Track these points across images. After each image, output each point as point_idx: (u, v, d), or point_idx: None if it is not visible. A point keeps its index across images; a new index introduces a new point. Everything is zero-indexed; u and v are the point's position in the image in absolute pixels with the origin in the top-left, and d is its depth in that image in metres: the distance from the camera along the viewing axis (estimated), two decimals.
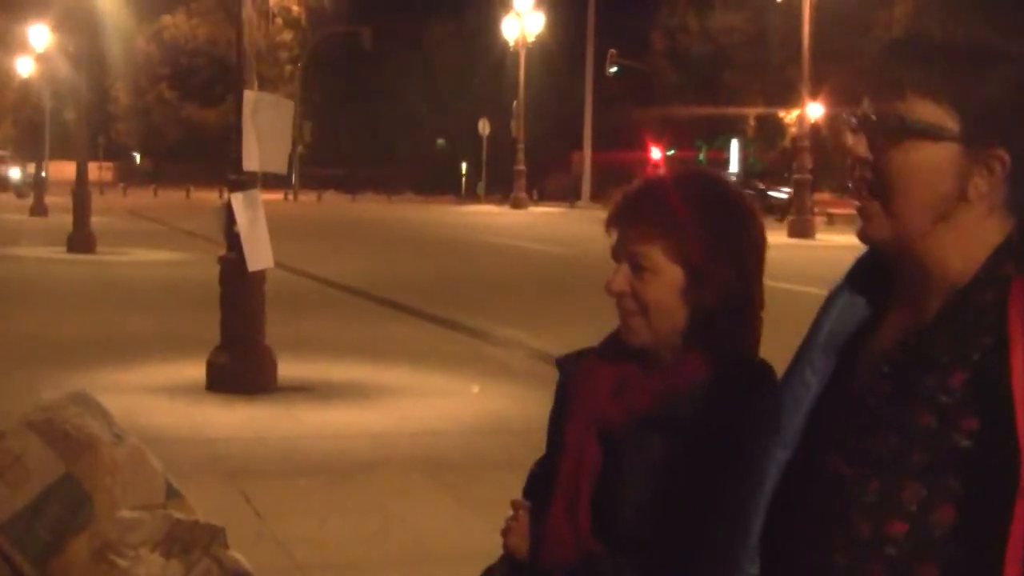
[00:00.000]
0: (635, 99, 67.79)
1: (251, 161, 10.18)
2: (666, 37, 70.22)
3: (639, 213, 2.27)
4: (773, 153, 65.09)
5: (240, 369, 10.36)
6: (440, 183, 70.00)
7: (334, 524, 7.01)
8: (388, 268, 22.75)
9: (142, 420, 8.67)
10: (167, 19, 79.28)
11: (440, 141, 73.17)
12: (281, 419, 9.54)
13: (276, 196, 60.24)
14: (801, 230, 32.85)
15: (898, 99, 1.76)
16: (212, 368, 10.48)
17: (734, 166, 66.95)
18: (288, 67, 76.76)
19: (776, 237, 32.78)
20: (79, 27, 29.55)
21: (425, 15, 74.39)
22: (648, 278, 2.24)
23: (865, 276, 1.91)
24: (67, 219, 25.76)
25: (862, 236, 1.83)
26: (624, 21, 63.69)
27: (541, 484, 2.44)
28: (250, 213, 10.24)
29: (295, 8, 79.79)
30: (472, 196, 67.45)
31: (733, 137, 70.56)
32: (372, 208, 54.17)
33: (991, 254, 1.76)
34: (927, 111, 1.74)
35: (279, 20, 79.29)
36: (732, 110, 63.38)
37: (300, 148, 67.45)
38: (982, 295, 1.73)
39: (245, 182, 10.36)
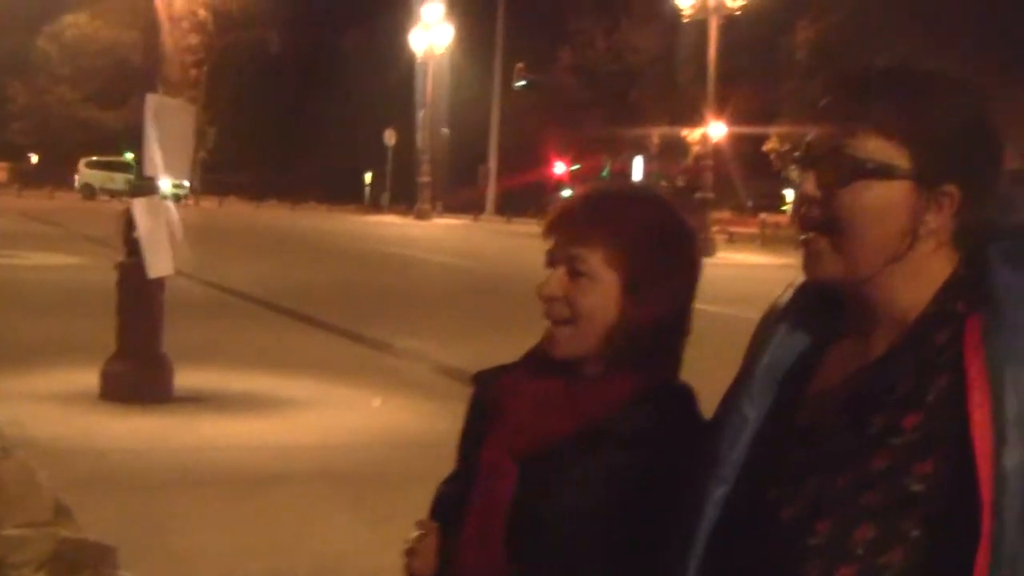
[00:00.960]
0: (542, 114, 68.01)
1: (153, 166, 10.00)
2: (574, 53, 70.52)
3: (582, 218, 2.19)
4: (677, 170, 65.57)
5: (136, 378, 10.16)
6: (344, 192, 69.69)
7: (230, 538, 6.87)
8: (290, 277, 22.55)
9: (32, 430, 8.47)
10: (69, 19, 78.13)
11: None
12: (177, 430, 9.35)
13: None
14: (702, 248, 33.00)
15: (849, 136, 1.70)
16: (107, 376, 10.26)
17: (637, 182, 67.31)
18: (193, 71, 75.91)
19: None
20: None
21: (333, 24, 74.03)
22: (583, 284, 2.16)
23: (805, 307, 1.85)
24: None
25: (809, 273, 1.77)
26: (532, 36, 63.87)
27: (451, 504, 2.34)
28: (151, 219, 10.05)
29: (201, 12, 78.90)
30: (376, 206, 67.21)
31: (638, 154, 71.02)
32: (275, 216, 53.81)
33: (940, 290, 1.71)
34: (879, 148, 1.69)
35: (185, 24, 78.48)
36: (637, 128, 63.79)
37: (203, 153, 66.86)
38: (934, 333, 1.68)
39: (147, 187, 10.17)
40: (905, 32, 47.75)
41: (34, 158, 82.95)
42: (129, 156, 66.34)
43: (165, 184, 9.33)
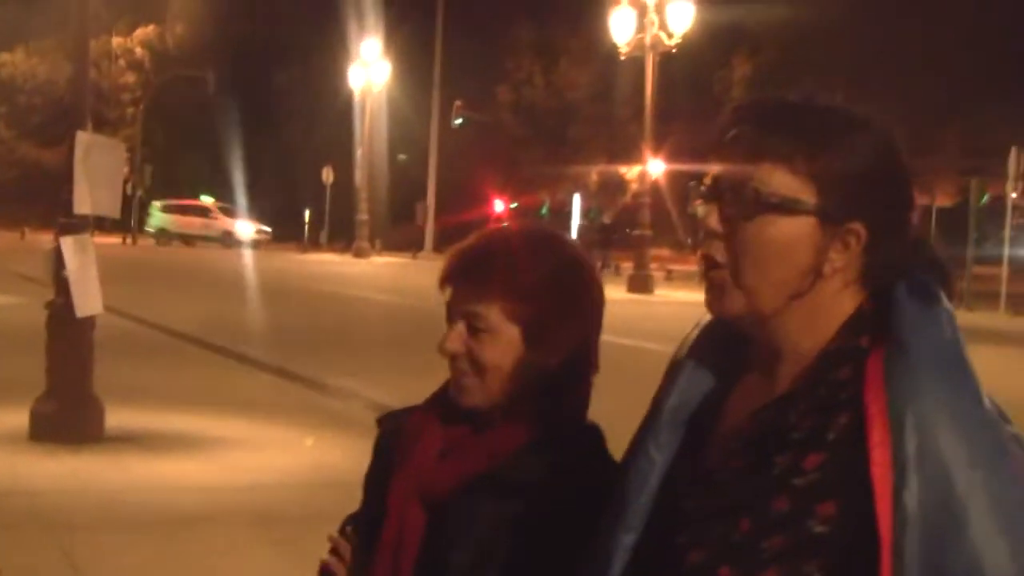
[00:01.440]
0: (480, 151, 68.08)
1: (83, 204, 9.92)
2: (512, 90, 70.72)
3: (475, 271, 2.16)
4: (615, 208, 65.79)
5: (65, 418, 10.05)
6: (283, 230, 69.39)
7: None
8: (225, 315, 22.37)
9: None
10: (5, 56, 77.58)
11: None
12: (107, 470, 9.24)
13: (115, 240, 59.25)
14: (640, 285, 33.13)
15: (754, 169, 1.68)
16: (36, 416, 10.14)
17: (576, 219, 67.55)
18: (130, 109, 75.66)
19: (615, 292, 33.10)
20: None
21: (270, 61, 73.86)
22: (484, 339, 2.13)
23: (712, 344, 1.82)
24: None
25: (711, 308, 1.74)
26: (470, 73, 63.98)
27: (356, 543, 2.32)
28: (80, 257, 9.96)
29: (138, 50, 78.69)
30: (315, 244, 66.97)
31: (576, 191, 71.20)
32: (211, 254, 53.45)
33: (843, 325, 1.69)
34: (784, 183, 1.66)
35: (122, 61, 78.15)
36: (576, 165, 64.00)
37: (140, 192, 66.44)
38: (836, 370, 1.66)
39: (76, 225, 10.08)
40: (841, 68, 48.25)
41: None
42: (208, 199, 65.49)
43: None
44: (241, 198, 64.22)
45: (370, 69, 56.71)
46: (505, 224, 2.29)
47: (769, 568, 1.59)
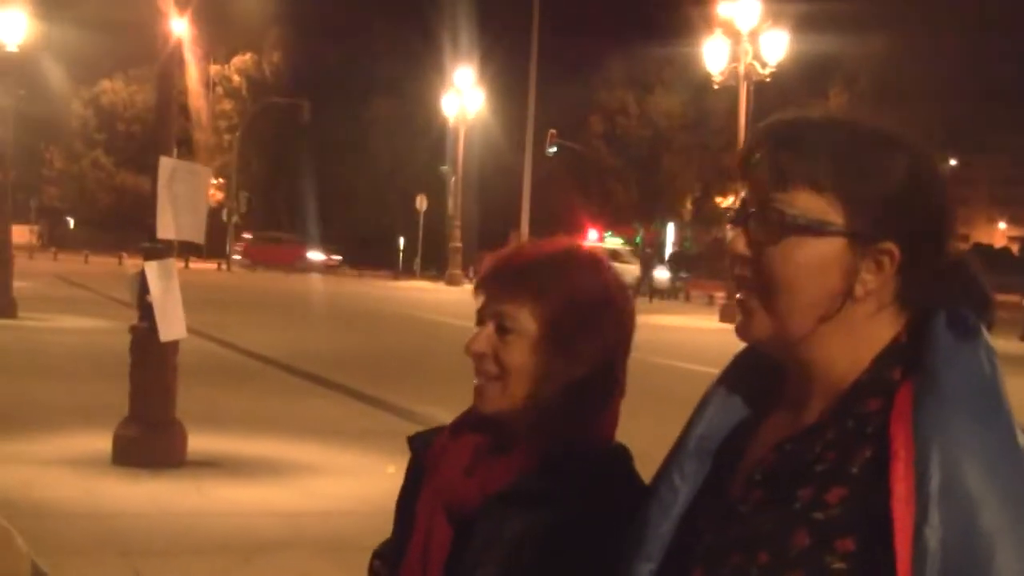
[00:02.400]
0: (574, 180, 68.17)
1: (166, 229, 9.97)
2: (605, 119, 70.78)
3: (508, 275, 2.17)
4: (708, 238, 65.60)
5: (147, 442, 10.09)
6: (378, 258, 69.88)
7: None
8: (315, 341, 22.50)
9: (39, 493, 8.43)
10: (105, 84, 78.98)
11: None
12: (186, 495, 9.26)
13: (210, 266, 59.95)
14: (732, 315, 32.91)
15: (780, 191, 1.61)
16: (118, 440, 10.20)
17: (669, 248, 67.40)
18: (227, 136, 76.62)
19: (706, 322, 32.79)
20: (12, 87, 29.24)
21: (365, 89, 74.50)
22: (512, 340, 2.12)
23: (744, 374, 1.76)
24: None
25: (740, 333, 1.67)
26: (564, 102, 64.10)
27: (384, 568, 2.33)
28: (164, 282, 10.01)
29: (236, 78, 79.72)
30: (408, 272, 67.33)
31: (670, 220, 71.06)
32: (306, 281, 53.90)
33: (878, 355, 1.61)
34: (811, 204, 1.59)
35: (219, 89, 79.18)
36: (669, 194, 63.92)
37: (236, 218, 67.22)
38: (865, 402, 1.58)
39: (160, 250, 10.14)
40: (934, 95, 47.78)
41: (71, 222, 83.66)
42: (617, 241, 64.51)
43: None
44: (315, 227, 65.10)
45: (464, 97, 56.96)
46: (543, 239, 2.29)
47: None
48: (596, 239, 64.38)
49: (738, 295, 1.66)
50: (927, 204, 1.62)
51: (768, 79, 35.33)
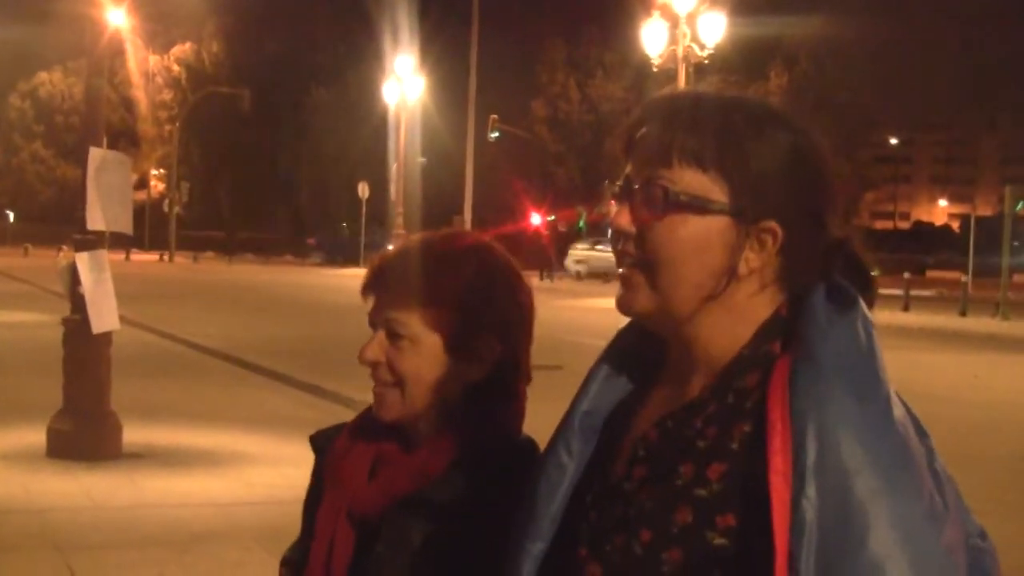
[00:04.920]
0: (517, 165, 68.15)
1: (95, 221, 9.88)
2: (547, 104, 70.80)
3: (397, 279, 2.10)
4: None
5: (81, 435, 10.02)
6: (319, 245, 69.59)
7: None
8: (256, 331, 22.39)
9: None
10: (43, 76, 78.24)
11: (343, 225, 72.15)
12: (120, 487, 9.19)
13: (152, 257, 59.58)
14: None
15: (664, 168, 1.59)
16: (52, 434, 10.12)
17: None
18: (168, 127, 76.11)
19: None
20: None
21: (306, 79, 74.18)
22: (405, 347, 2.06)
23: (627, 350, 1.74)
24: None
25: (622, 307, 1.65)
26: (506, 88, 64.07)
27: (293, 571, 2.26)
28: (95, 274, 9.93)
29: (175, 68, 79.19)
30: (353, 260, 67.15)
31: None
32: (248, 271, 53.66)
33: (758, 330, 1.60)
34: (695, 181, 1.58)
35: (158, 79, 78.62)
36: (612, 177, 63.98)
37: (177, 209, 66.79)
38: (744, 376, 1.58)
39: (91, 242, 10.04)
40: (877, 79, 48.04)
41: (11, 216, 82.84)
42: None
43: None
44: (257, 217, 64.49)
45: (404, 84, 56.79)
46: (430, 232, 2.19)
47: None
48: (540, 223, 64.43)
49: (621, 269, 1.64)
50: (810, 183, 1.61)
51: (707, 62, 35.37)
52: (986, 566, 1.58)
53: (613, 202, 1.66)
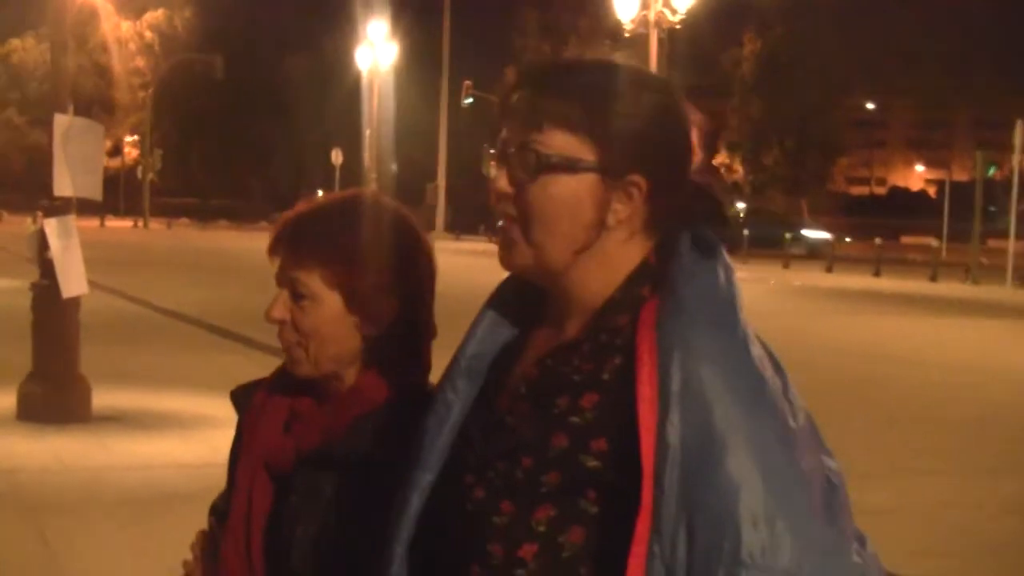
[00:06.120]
0: (490, 130, 68.06)
1: (63, 186, 9.98)
2: None
3: (298, 238, 2.17)
4: None
5: (51, 398, 10.13)
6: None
7: (131, 557, 6.84)
8: (229, 297, 22.43)
9: None
10: (15, 43, 77.81)
11: (318, 192, 71.89)
12: (89, 450, 9.31)
13: (126, 224, 59.44)
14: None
15: (536, 131, 1.73)
16: (22, 397, 10.23)
17: None
18: (140, 94, 75.80)
19: None
20: None
21: (279, 44, 74.00)
22: (307, 306, 2.15)
23: (509, 298, 1.89)
24: None
25: (504, 263, 1.80)
26: (479, 54, 64.00)
27: (217, 524, 2.35)
28: (64, 240, 10.03)
29: (148, 34, 78.84)
30: None
31: None
32: (222, 237, 53.59)
33: (628, 276, 1.75)
34: (564, 143, 1.72)
35: (131, 45, 78.27)
36: None
37: (151, 176, 66.62)
38: (616, 318, 1.72)
39: (59, 207, 10.14)
40: (851, 44, 48.15)
41: None
42: None
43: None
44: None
45: (377, 50, 56.66)
46: (331, 192, 2.29)
47: (547, 502, 1.65)
48: None
49: (500, 226, 1.78)
50: (672, 139, 1.76)
51: (678, 26, 35.39)
52: (839, 500, 1.68)
53: (493, 164, 1.79)
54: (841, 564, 1.59)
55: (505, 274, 1.89)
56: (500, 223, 1.79)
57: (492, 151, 1.80)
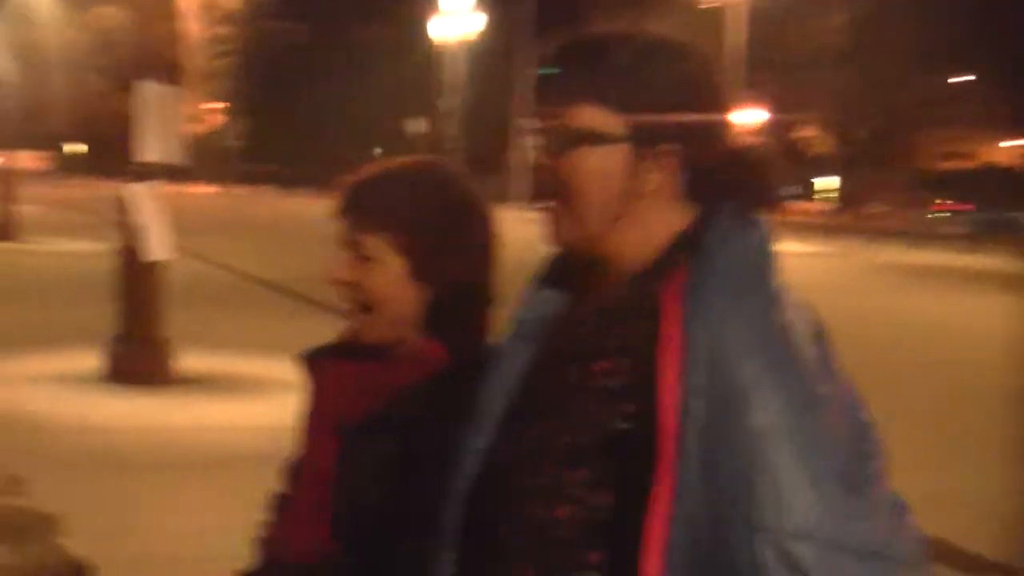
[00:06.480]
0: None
1: (146, 152, 10.16)
2: None
3: (363, 202, 2.22)
4: None
5: (135, 360, 10.32)
6: None
7: (206, 519, 6.97)
8: (312, 263, 22.56)
9: (27, 408, 8.64)
10: (100, 10, 78.40)
11: (377, 150, 72.38)
12: (171, 411, 9.50)
13: (210, 190, 59.95)
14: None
15: (569, 106, 1.78)
16: (107, 358, 10.44)
17: None
18: (223, 60, 76.17)
19: None
20: (10, 16, 29.26)
21: (361, 13, 74.07)
22: (372, 268, 2.19)
23: (555, 269, 1.94)
24: None
25: (549, 238, 1.86)
26: (560, 24, 63.69)
27: (288, 485, 2.40)
28: (148, 204, 10.20)
29: (230, 2, 79.17)
30: None
31: None
32: (304, 204, 53.86)
33: (667, 243, 1.79)
34: (595, 117, 1.77)
35: (215, 13, 78.59)
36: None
37: (235, 142, 67.14)
38: (650, 282, 1.76)
39: (144, 173, 10.32)
40: (941, 15, 47.39)
41: (81, 148, 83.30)
42: None
43: None
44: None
45: (459, 20, 56.54)
46: (400, 158, 2.32)
47: (581, 466, 1.71)
48: None
49: (546, 204, 1.84)
50: (707, 109, 1.79)
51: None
52: (871, 469, 1.68)
53: (532, 140, 1.85)
54: (862, 530, 1.59)
55: None
56: (546, 204, 1.84)
57: (530, 127, 1.85)
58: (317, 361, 2.34)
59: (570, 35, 1.86)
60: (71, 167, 74.07)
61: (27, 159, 44.38)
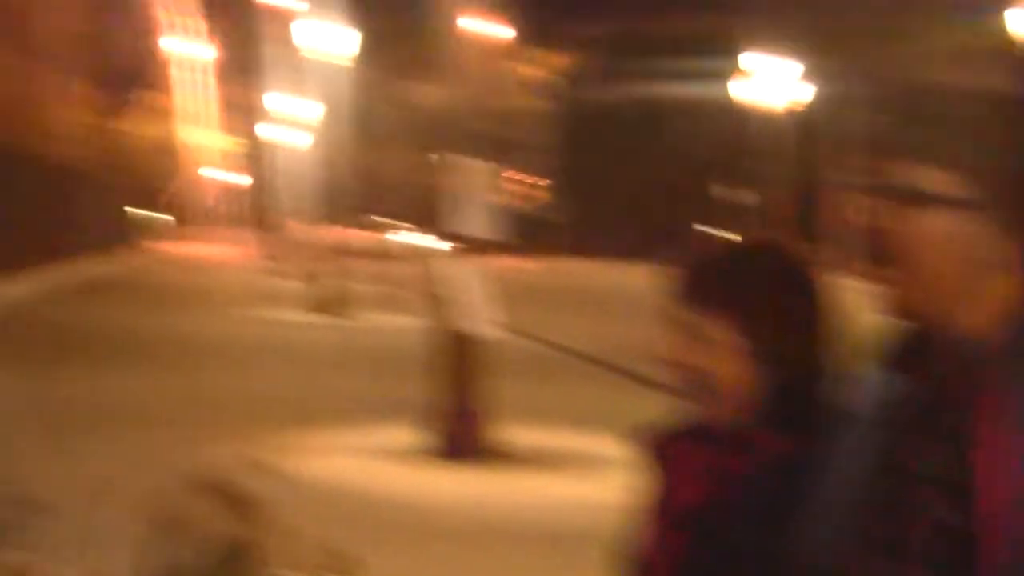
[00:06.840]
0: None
1: (459, 226, 10.35)
2: None
3: (707, 286, 2.20)
4: None
5: (459, 435, 10.46)
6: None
7: None
8: (633, 336, 22.42)
9: (355, 481, 9.16)
10: (415, 85, 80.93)
11: (700, 224, 72.31)
12: (495, 485, 9.60)
13: (537, 264, 60.85)
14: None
15: (914, 168, 1.72)
16: (431, 433, 10.59)
17: None
18: (544, 134, 77.30)
19: None
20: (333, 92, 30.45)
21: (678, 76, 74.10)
22: (713, 351, 2.16)
23: (897, 349, 1.86)
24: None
25: (889, 310, 1.79)
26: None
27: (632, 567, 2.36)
28: (467, 278, 10.35)
29: (543, 75, 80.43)
30: None
31: None
32: (627, 275, 54.06)
33: (1007, 323, 1.68)
34: (943, 179, 1.70)
35: (534, 87, 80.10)
36: None
37: (558, 216, 67.96)
38: (984, 366, 1.68)
39: (463, 247, 10.49)
40: None
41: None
42: None
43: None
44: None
45: (781, 87, 55.66)
46: (733, 236, 2.33)
47: (916, 560, 1.68)
48: None
49: (883, 272, 1.77)
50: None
51: None
52: None
53: (866, 200, 1.82)
54: None
55: None
56: (883, 273, 1.81)
57: (869, 187, 1.82)
58: (662, 445, 2.30)
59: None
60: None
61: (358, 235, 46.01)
